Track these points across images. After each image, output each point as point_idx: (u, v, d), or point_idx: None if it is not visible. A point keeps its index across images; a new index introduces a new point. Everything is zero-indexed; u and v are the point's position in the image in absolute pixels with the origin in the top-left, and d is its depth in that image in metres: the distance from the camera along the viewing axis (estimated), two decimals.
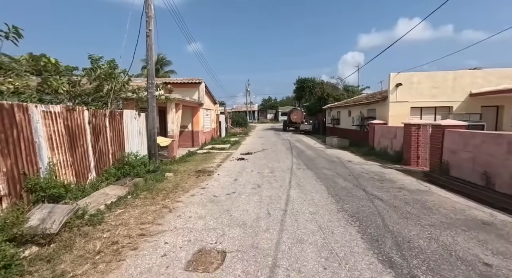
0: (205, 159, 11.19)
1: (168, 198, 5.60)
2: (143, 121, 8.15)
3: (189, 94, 14.38)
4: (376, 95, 16.54)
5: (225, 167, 9.20)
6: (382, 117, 13.09)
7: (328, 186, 6.57)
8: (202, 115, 15.70)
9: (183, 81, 14.09)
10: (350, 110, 18.43)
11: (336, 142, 14.99)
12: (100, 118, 6.20)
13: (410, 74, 12.17)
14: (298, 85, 33.37)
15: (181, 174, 8.05)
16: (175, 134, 10.77)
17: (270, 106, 75.02)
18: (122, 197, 5.34)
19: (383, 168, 8.88)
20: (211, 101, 18.58)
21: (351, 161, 10.30)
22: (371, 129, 13.20)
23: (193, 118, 14.68)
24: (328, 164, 9.72)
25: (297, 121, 29.01)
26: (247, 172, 8.29)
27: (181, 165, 9.56)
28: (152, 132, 8.05)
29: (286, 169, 8.80)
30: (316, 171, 8.45)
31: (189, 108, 14.42)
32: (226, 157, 11.64)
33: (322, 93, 27.48)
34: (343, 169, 8.77)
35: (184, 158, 11.08)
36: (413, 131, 9.33)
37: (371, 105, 14.59)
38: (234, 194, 5.94)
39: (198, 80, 14.32)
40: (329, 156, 11.62)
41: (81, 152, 5.54)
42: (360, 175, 7.76)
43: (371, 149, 12.65)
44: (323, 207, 4.98)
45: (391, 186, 6.55)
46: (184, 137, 14.81)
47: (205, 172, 8.36)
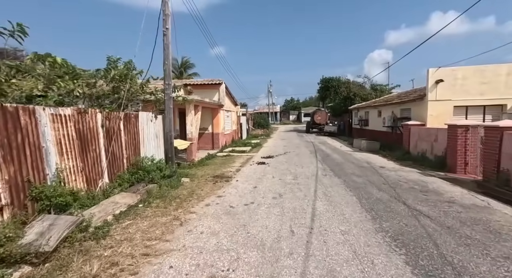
0: (224, 162, 10.74)
1: (181, 208, 5.15)
2: (160, 124, 7.87)
3: (210, 95, 14.10)
4: (410, 93, 15.06)
5: (245, 172, 8.65)
6: (418, 118, 11.75)
7: (360, 197, 5.72)
8: (223, 117, 15.35)
9: (203, 82, 13.85)
10: (380, 110, 17.04)
11: (365, 145, 13.81)
12: (114, 121, 5.94)
13: (453, 69, 10.75)
14: (322, 85, 32.05)
15: (198, 179, 7.63)
16: (194, 137, 10.46)
17: (292, 107, 73.68)
18: (133, 206, 4.97)
19: (423, 176, 7.75)
20: (232, 103, 18.23)
21: (384, 167, 9.23)
22: (405, 131, 11.91)
23: (213, 120, 14.37)
24: (357, 169, 8.76)
25: (321, 123, 27.78)
26: (268, 178, 7.65)
27: (199, 169, 9.18)
28: (168, 135, 7.73)
29: (310, 175, 8.03)
30: (344, 178, 7.58)
31: (209, 110, 14.14)
32: (246, 161, 11.10)
33: (348, 92, 26.05)
34: (375, 176, 7.80)
35: (203, 161, 10.73)
36: (460, 133, 8.08)
37: (405, 105, 13.23)
38: (253, 204, 5.34)
39: (218, 81, 13.99)
40: (358, 161, 10.59)
41: (93, 157, 5.28)
42: (397, 184, 6.77)
43: (406, 153, 11.38)
44: (357, 225, 4.20)
45: (438, 198, 5.53)
46: (204, 140, 14.55)
47: (223, 177, 7.87)
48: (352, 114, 24.40)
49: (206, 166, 9.79)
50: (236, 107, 19.26)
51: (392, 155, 11.79)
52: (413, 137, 11.20)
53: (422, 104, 11.51)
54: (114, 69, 6.21)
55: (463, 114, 10.89)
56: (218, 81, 13.97)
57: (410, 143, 11.44)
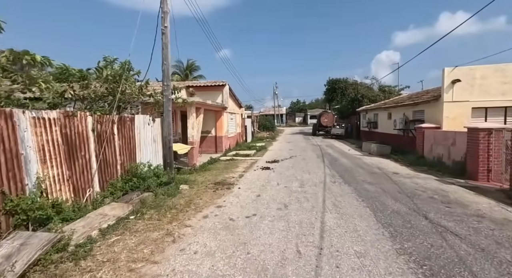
0: (227, 167, 10.27)
1: (176, 220, 4.68)
2: (158, 127, 7.45)
3: (213, 97, 13.69)
4: (422, 94, 14.34)
5: (248, 178, 8.15)
6: (433, 120, 11.06)
7: (374, 208, 5.15)
8: (226, 120, 14.92)
9: (206, 84, 13.46)
10: (390, 112, 16.34)
11: (375, 149, 13.15)
12: (107, 125, 5.54)
13: (471, 68, 10.06)
14: (329, 86, 31.38)
15: (197, 186, 7.17)
16: (195, 141, 10.03)
17: (298, 109, 73.04)
18: (123, 218, 4.53)
19: (442, 184, 7.10)
20: (236, 105, 17.81)
21: (397, 173, 8.59)
22: (419, 134, 11.23)
23: (217, 123, 13.95)
24: (369, 176, 8.16)
25: (328, 125, 27.10)
26: (272, 186, 7.13)
27: (200, 175, 8.72)
28: (167, 139, 7.31)
29: (318, 182, 7.47)
30: (355, 185, 7.00)
31: (212, 112, 13.73)
32: (250, 165, 10.60)
33: (356, 94, 25.34)
34: (389, 183, 7.19)
35: (205, 165, 10.28)
36: (482, 137, 7.41)
37: (418, 106, 12.55)
38: (255, 217, 4.83)
39: (221, 82, 13.58)
40: (368, 166, 9.97)
41: (82, 164, 4.87)
42: (415, 193, 6.16)
43: (420, 157, 10.70)
44: (374, 245, 3.64)
45: (463, 212, 4.91)
46: (207, 143, 14.14)
47: (225, 184, 7.38)
48: (360, 116, 23.68)
49: (208, 171, 9.33)
50: (240, 109, 18.83)
51: (404, 159, 11.11)
52: (428, 141, 10.52)
53: (437, 106, 10.83)
54: (107, 69, 5.81)
55: (482, 117, 10.18)
56: (221, 83, 13.56)
57: (425, 147, 10.76)
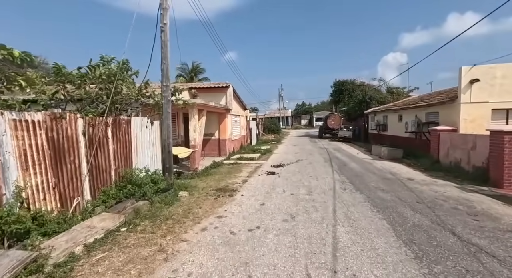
0: (230, 171, 9.82)
1: (171, 233, 4.23)
2: (157, 130, 7.06)
3: (216, 99, 13.31)
4: (435, 95, 13.68)
5: (252, 184, 7.67)
6: (448, 122, 10.42)
7: (392, 221, 4.61)
8: (230, 122, 14.52)
9: (209, 85, 13.10)
10: (401, 114, 15.68)
11: (386, 152, 12.53)
12: (100, 128, 5.16)
13: (491, 67, 9.42)
14: (336, 88, 30.76)
15: (198, 192, 6.73)
16: (198, 144, 9.62)
17: (304, 111, 72.39)
18: (113, 230, 4.11)
19: (464, 192, 6.50)
20: (241, 107, 17.41)
21: (412, 179, 8.00)
22: (434, 137, 10.59)
23: (220, 125, 13.55)
24: (382, 182, 7.59)
25: (334, 127, 26.45)
26: (278, 193, 6.64)
27: (202, 180, 8.30)
28: (166, 142, 6.90)
29: (327, 189, 6.95)
30: (368, 193, 6.45)
31: (215, 114, 13.34)
32: (255, 170, 10.13)
33: (364, 96, 24.67)
34: (405, 191, 6.62)
35: (207, 170, 9.85)
36: (508, 141, 6.79)
37: (431, 108, 11.90)
38: (259, 230, 4.35)
39: (225, 84, 13.20)
40: (380, 171, 9.38)
41: (71, 170, 4.48)
42: (436, 203, 5.59)
43: (435, 162, 10.05)
44: (397, 268, 3.12)
45: (495, 226, 4.33)
46: (210, 146, 13.74)
47: (227, 190, 6.93)
48: (368, 118, 23.01)
49: (210, 176, 8.89)
50: (245, 111, 18.43)
51: (418, 164, 10.48)
52: (444, 145, 9.88)
53: (453, 107, 10.19)
54: (100, 68, 5.45)
55: (503, 119, 9.50)
56: (225, 84, 13.18)
57: (440, 151, 10.11)
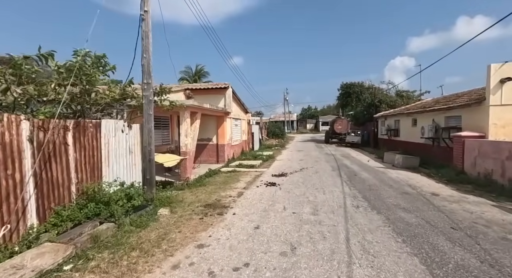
0: (226, 181, 8.77)
1: (130, 274, 3.18)
2: (136, 135, 6.07)
3: (215, 101, 12.35)
4: (454, 98, 12.43)
5: (248, 198, 6.59)
6: (473, 128, 9.18)
7: (426, 258, 3.46)
8: (229, 126, 13.51)
9: (207, 86, 12.16)
10: (415, 118, 14.43)
11: (401, 160, 11.29)
12: (56, 133, 4.19)
13: None
14: (343, 91, 29.54)
15: (182, 209, 5.68)
16: (190, 150, 8.62)
17: (310, 115, 71.08)
18: (51, 270, 3.08)
19: (507, 213, 5.26)
20: (242, 110, 16.42)
21: (437, 194, 6.79)
22: (457, 144, 9.35)
23: (218, 130, 12.55)
24: (401, 198, 6.41)
25: (341, 132, 25.19)
26: (277, 211, 5.54)
27: (191, 192, 7.27)
28: (147, 150, 5.90)
29: (336, 206, 5.82)
30: (386, 213, 5.30)
31: (213, 118, 12.36)
32: (254, 179, 9.05)
33: (373, 99, 23.43)
34: (433, 210, 5.44)
35: (201, 179, 8.82)
36: None
37: (452, 111, 10.67)
38: (247, 269, 3.26)
39: (224, 85, 12.24)
40: (397, 183, 8.18)
41: (7, 187, 3.49)
42: (475, 229, 4.40)
43: (459, 172, 8.80)
44: None
45: None
46: (208, 152, 12.73)
47: (217, 206, 5.87)
48: (378, 123, 21.71)
49: (202, 187, 7.85)
50: (246, 115, 17.43)
51: (438, 174, 9.23)
52: (470, 153, 8.63)
53: (479, 111, 8.96)
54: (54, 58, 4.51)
55: None
56: (223, 85, 12.22)
57: (465, 160, 8.86)
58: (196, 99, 11.39)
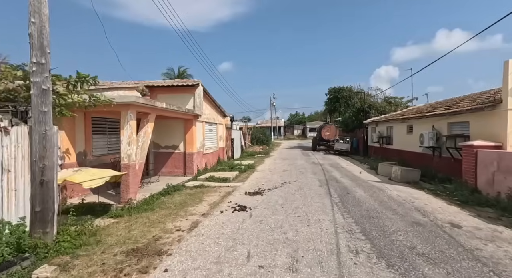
0: (184, 203, 6.76)
1: None
2: (21, 144, 3.96)
3: (182, 102, 10.37)
4: (453, 102, 11.06)
5: (200, 236, 4.60)
6: (486, 136, 7.68)
7: None
8: (201, 131, 11.51)
9: (171, 84, 10.14)
10: (411, 125, 13.00)
11: (399, 173, 9.65)
12: None
13: None
14: (331, 95, 28.18)
15: (87, 261, 3.61)
16: (136, 163, 6.56)
17: (297, 121, 70.12)
18: None
19: None
20: (218, 113, 14.47)
21: (458, 225, 5.06)
22: (467, 156, 7.79)
23: (186, 135, 10.52)
24: (414, 233, 4.62)
25: (329, 139, 23.72)
26: (235, 265, 3.57)
27: (126, 222, 5.20)
28: (38, 166, 3.82)
29: (326, 251, 3.93)
30: (400, 265, 3.47)
31: (180, 121, 10.34)
32: (221, 200, 7.08)
33: (362, 104, 22.15)
34: (466, 259, 3.65)
35: (152, 200, 6.76)
36: None
37: (458, 116, 9.19)
38: None
39: (193, 82, 10.29)
40: (400, 205, 6.45)
41: None
42: None
43: (472, 191, 7.20)
44: None
45: None
46: (173, 162, 10.65)
47: (147, 254, 3.85)
48: (368, 129, 20.35)
49: (148, 213, 5.79)
50: (224, 119, 15.49)
51: (446, 192, 7.62)
52: (486, 167, 7.06)
53: (493, 115, 7.48)
54: None
55: None
56: (192, 83, 10.26)
57: (479, 176, 7.29)
58: (160, 100, 9.40)
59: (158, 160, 10.66)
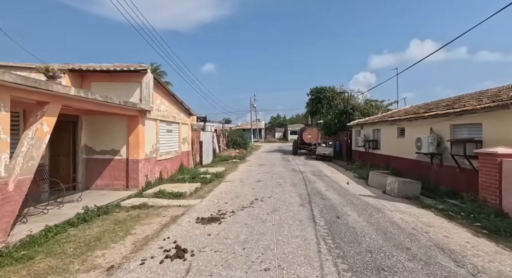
0: (96, 241, 4.39)
1: None
2: None
3: (125, 93, 7.95)
4: (454, 102, 9.59)
5: None
6: (508, 141, 6.06)
7: None
8: (153, 132, 9.10)
9: (107, 68, 7.66)
10: (402, 127, 11.46)
11: (396, 186, 7.86)
12: None
13: None
14: (313, 96, 26.61)
15: None
16: (15, 179, 4.09)
17: (278, 124, 68.81)
18: None
19: None
20: (182, 111, 12.08)
21: None
22: (487, 167, 6.10)
23: (130, 137, 8.07)
24: None
25: (311, 142, 22.05)
26: None
27: None
28: None
29: None
30: None
31: (122, 118, 7.90)
32: (157, 233, 4.79)
33: (346, 105, 20.72)
34: None
35: (39, 239, 4.32)
36: None
37: (466, 117, 7.58)
38: None
39: (138, 67, 7.87)
40: (413, 239, 4.52)
41: None
42: None
43: (497, 213, 5.48)
44: None
45: None
46: (112, 172, 8.14)
47: None
48: (352, 132, 18.87)
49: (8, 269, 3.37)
50: (190, 118, 13.09)
51: (461, 213, 5.88)
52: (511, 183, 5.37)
53: None
54: None
55: None
56: (137, 68, 7.84)
57: (505, 193, 5.59)
58: (96, 90, 6.95)
59: (91, 169, 8.10)
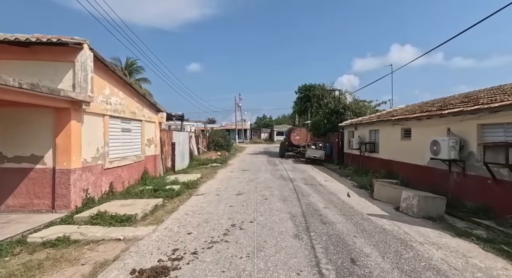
0: None
1: None
2: None
3: (53, 77, 5.66)
4: (468, 99, 8.05)
5: None
6: None
7: None
8: (99, 131, 6.81)
9: (27, 39, 5.35)
10: (408, 128, 9.85)
11: (416, 203, 6.11)
12: None
13: None
14: (302, 94, 24.93)
15: None
16: None
17: (264, 124, 67.10)
18: None
19: None
20: (146, 106, 9.81)
21: None
22: None
23: (58, 139, 5.76)
24: None
25: (300, 144, 20.34)
26: None
27: None
28: None
29: None
30: None
31: (46, 113, 5.59)
32: None
33: (337, 104, 19.16)
34: None
35: None
36: None
37: (501, 115, 5.95)
38: None
39: (69, 40, 5.60)
40: None
41: None
42: None
43: None
44: None
45: None
46: (30, 187, 5.80)
47: None
48: (345, 133, 17.29)
49: None
50: (158, 115, 10.82)
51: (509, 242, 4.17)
52: None
53: None
54: None
55: None
56: (68, 41, 5.57)
57: None
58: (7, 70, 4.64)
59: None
